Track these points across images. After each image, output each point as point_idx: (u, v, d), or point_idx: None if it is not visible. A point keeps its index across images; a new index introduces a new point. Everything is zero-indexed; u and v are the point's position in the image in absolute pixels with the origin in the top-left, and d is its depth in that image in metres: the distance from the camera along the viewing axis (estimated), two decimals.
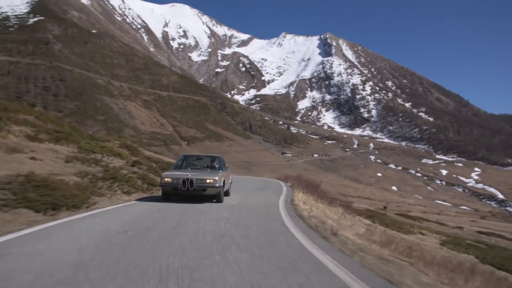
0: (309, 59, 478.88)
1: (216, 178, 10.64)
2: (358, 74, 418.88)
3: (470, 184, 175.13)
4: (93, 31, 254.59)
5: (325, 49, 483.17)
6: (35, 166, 10.95)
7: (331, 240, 7.07)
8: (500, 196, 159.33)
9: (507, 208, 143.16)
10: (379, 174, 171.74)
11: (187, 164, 12.68)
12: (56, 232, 5.95)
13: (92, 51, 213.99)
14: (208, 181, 10.55)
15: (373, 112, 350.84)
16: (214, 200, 11.11)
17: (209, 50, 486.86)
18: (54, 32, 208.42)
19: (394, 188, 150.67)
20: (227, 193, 12.77)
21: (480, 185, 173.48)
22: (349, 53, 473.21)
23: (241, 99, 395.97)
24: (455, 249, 20.79)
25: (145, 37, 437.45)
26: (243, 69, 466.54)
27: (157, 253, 5.00)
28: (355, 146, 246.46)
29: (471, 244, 25.52)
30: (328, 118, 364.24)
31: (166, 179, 10.67)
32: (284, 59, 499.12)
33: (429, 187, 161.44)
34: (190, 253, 5.03)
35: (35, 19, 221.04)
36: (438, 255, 11.49)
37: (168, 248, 5.26)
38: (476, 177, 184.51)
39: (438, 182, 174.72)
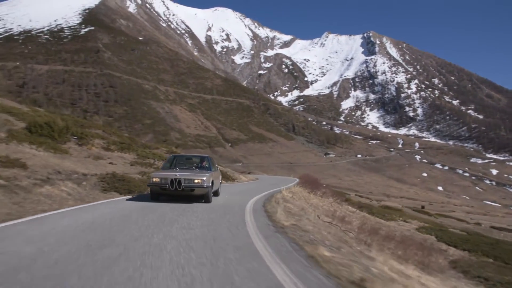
0: (352, 58, 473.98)
1: (204, 178, 10.57)
2: (402, 72, 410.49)
3: None
4: (140, 38, 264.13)
5: (369, 48, 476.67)
6: (113, 168, 16.29)
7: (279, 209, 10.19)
8: None
9: None
10: (425, 174, 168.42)
11: (176, 164, 12.55)
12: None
13: (139, 57, 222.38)
14: (196, 181, 10.48)
15: (419, 110, 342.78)
16: (203, 200, 11.03)
17: (252, 52, 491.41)
18: (104, 41, 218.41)
19: (440, 188, 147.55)
20: (216, 193, 12.82)
21: None
22: (393, 51, 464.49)
23: (284, 100, 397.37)
24: (425, 232, 24.89)
25: (189, 42, 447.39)
26: (286, 70, 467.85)
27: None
28: (400, 145, 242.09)
29: (445, 230, 28.31)
30: (372, 117, 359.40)
31: (154, 179, 10.65)
32: (327, 59, 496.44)
33: (477, 188, 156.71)
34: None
35: (86, 29, 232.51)
36: (395, 233, 14.60)
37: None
38: None
39: (488, 182, 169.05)
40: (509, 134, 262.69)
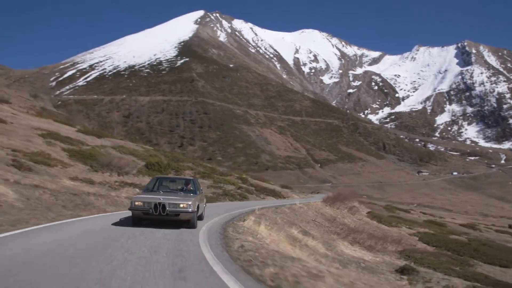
0: (446, 70, 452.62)
1: (190, 203, 9.96)
2: (504, 81, 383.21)
3: None
4: (231, 66, 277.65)
5: (464, 58, 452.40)
6: None
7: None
8: None
9: None
10: None
11: (159, 186, 12.02)
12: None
13: (230, 84, 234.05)
14: (181, 205, 9.88)
15: None
16: (187, 226, 10.39)
17: (340, 71, 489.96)
18: (198, 70, 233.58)
19: None
20: (200, 217, 12.00)
21: None
22: (492, 60, 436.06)
23: (374, 118, 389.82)
24: (414, 235, 28.94)
25: (278, 65, 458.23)
26: (376, 87, 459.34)
27: None
28: (503, 161, 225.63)
29: (434, 234, 31.87)
30: (470, 132, 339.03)
31: (136, 203, 9.87)
32: (418, 73, 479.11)
33: None
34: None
35: (182, 61, 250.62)
36: (378, 233, 19.48)
37: None
38: None
39: None
40: None
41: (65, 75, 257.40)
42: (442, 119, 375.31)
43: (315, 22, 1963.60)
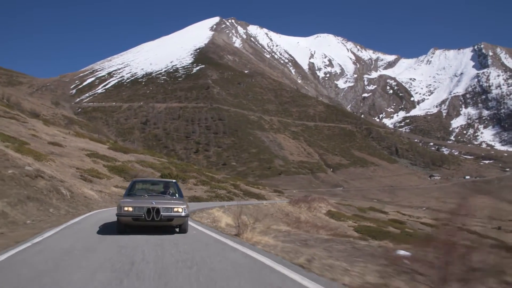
0: (462, 73, 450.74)
1: (184, 207, 9.71)
2: None
3: None
4: (245, 71, 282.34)
5: (480, 61, 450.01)
6: (197, 194, 31.55)
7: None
8: None
9: None
10: None
11: (141, 190, 11.61)
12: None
13: (245, 90, 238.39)
14: (175, 209, 9.54)
15: None
16: (177, 230, 10.16)
17: (355, 76, 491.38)
18: (213, 77, 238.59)
19: None
20: None
21: None
22: (509, 62, 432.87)
23: (389, 122, 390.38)
24: (354, 227, 33.45)
25: (293, 70, 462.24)
26: (391, 91, 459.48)
27: None
28: None
29: (368, 227, 35.50)
30: (486, 135, 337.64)
31: (126, 208, 9.27)
32: (434, 77, 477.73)
33: None
34: None
35: (197, 68, 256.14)
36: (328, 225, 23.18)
37: None
38: None
39: None
40: None
41: (85, 83, 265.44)
42: (457, 122, 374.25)
43: (330, 26, 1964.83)
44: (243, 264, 6.11)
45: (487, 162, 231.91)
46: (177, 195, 11.34)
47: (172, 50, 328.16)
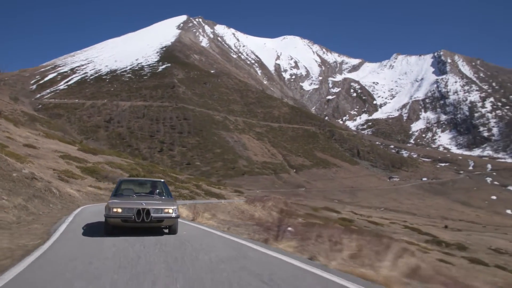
0: (422, 79, 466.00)
1: (175, 207, 9.61)
2: (476, 90, 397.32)
3: None
4: (212, 71, 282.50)
5: (440, 67, 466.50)
6: None
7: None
8: None
9: None
10: (494, 197, 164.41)
11: (127, 190, 11.19)
12: None
13: (211, 90, 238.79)
14: (166, 210, 9.41)
15: (494, 130, 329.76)
16: (166, 231, 10.11)
17: (320, 78, 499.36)
18: (179, 76, 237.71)
19: (508, 211, 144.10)
20: None
21: None
22: (466, 69, 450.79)
23: (352, 124, 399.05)
24: (300, 223, 38.17)
25: (259, 71, 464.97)
26: (354, 94, 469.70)
27: None
28: (471, 167, 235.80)
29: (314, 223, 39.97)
30: (444, 139, 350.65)
31: (115, 209, 9.09)
32: (396, 81, 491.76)
33: None
34: None
35: (163, 66, 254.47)
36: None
37: None
38: None
39: None
40: None
41: (46, 78, 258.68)
42: (417, 126, 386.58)
43: (297, 28, 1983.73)
44: (196, 231, 11.21)
45: (443, 165, 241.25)
46: (165, 195, 11.10)
47: (138, 47, 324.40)
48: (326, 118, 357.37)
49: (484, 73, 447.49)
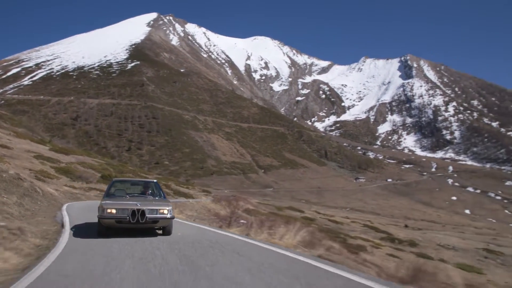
0: (389, 82, 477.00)
1: (170, 208, 9.59)
2: (440, 95, 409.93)
3: None
4: (182, 70, 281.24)
5: (406, 71, 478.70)
6: None
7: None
8: None
9: None
10: (454, 198, 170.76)
11: (119, 190, 11.14)
12: None
13: (181, 89, 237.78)
14: (161, 211, 9.37)
15: (456, 133, 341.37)
16: (160, 232, 10.05)
17: (290, 79, 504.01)
18: (148, 74, 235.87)
19: (467, 211, 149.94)
20: None
21: None
22: (430, 74, 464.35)
23: (321, 126, 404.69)
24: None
25: (229, 71, 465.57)
26: (323, 96, 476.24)
27: None
28: (433, 169, 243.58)
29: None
30: (409, 141, 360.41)
31: (109, 210, 9.05)
32: (364, 84, 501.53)
33: (506, 211, 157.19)
34: None
35: (132, 64, 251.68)
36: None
37: None
38: None
39: None
40: None
41: (9, 73, 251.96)
42: (383, 128, 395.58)
43: (268, 29, 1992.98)
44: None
45: (407, 166, 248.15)
46: (159, 196, 11.06)
47: (107, 44, 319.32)
48: (295, 119, 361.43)
49: (448, 78, 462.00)
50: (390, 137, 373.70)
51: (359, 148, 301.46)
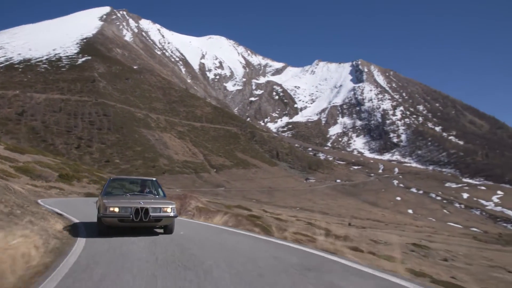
0: (341, 85, 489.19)
1: (173, 207, 9.65)
2: (389, 99, 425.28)
3: (489, 207, 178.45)
4: (135, 67, 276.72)
5: (357, 76, 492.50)
6: (90, 191, 34.33)
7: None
8: None
9: None
10: (398, 198, 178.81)
11: (118, 188, 11.21)
12: None
13: (133, 86, 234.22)
14: (164, 209, 9.37)
15: (403, 137, 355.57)
16: (162, 231, 10.08)
17: (244, 79, 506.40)
18: (100, 70, 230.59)
19: (410, 211, 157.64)
20: None
21: (499, 208, 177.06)
22: (380, 79, 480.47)
23: (273, 126, 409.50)
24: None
25: (183, 70, 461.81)
26: (276, 97, 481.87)
27: None
28: (380, 171, 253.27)
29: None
30: (358, 143, 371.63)
31: (111, 209, 9.00)
32: (316, 86, 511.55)
33: (445, 210, 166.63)
34: None
35: (83, 59, 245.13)
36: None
37: None
38: (496, 200, 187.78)
39: (457, 205, 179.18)
40: (485, 160, 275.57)
41: None
42: (334, 130, 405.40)
43: (223, 29, 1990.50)
44: None
45: (356, 167, 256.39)
46: (158, 194, 11.03)
47: (56, 37, 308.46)
48: (248, 119, 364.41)
49: (396, 84, 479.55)
50: (340, 139, 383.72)
51: (310, 149, 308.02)
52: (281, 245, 9.58)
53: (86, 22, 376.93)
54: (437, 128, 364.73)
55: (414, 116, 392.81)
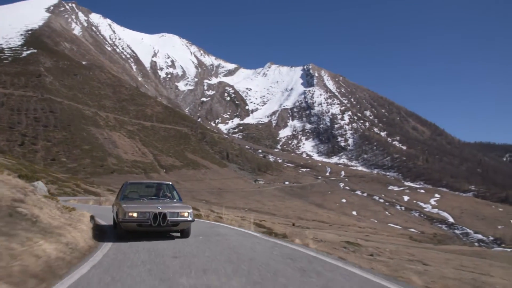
0: (292, 89, 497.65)
1: (190, 211, 9.73)
2: (337, 104, 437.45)
3: (427, 209, 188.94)
4: (83, 63, 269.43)
5: (308, 80, 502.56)
6: (50, 191, 28.97)
7: None
8: (451, 220, 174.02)
9: (455, 230, 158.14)
10: (344, 200, 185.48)
11: (134, 192, 11.20)
12: None
13: (82, 82, 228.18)
14: (182, 214, 9.50)
15: (350, 141, 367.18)
16: (179, 235, 10.19)
17: (196, 79, 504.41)
18: (46, 64, 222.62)
19: (354, 213, 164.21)
20: None
21: (435, 210, 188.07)
22: (330, 84, 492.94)
23: (224, 128, 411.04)
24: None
25: (134, 67, 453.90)
26: (228, 98, 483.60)
27: None
28: (328, 173, 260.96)
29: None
30: (307, 146, 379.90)
31: (130, 214, 9.17)
32: (268, 89, 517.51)
33: (386, 212, 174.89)
34: None
35: (28, 52, 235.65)
36: None
37: None
38: (433, 203, 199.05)
39: (398, 207, 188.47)
40: (425, 164, 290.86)
41: None
42: (284, 133, 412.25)
43: (176, 27, 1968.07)
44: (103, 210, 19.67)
45: (304, 170, 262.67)
46: (174, 198, 11.08)
47: None
48: (199, 120, 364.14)
49: (345, 89, 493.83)
50: (290, 142, 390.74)
51: (260, 151, 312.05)
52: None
53: (31, 13, 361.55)
54: (382, 133, 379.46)
55: (361, 121, 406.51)
